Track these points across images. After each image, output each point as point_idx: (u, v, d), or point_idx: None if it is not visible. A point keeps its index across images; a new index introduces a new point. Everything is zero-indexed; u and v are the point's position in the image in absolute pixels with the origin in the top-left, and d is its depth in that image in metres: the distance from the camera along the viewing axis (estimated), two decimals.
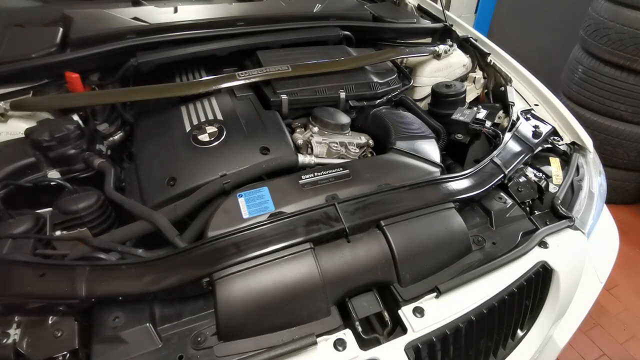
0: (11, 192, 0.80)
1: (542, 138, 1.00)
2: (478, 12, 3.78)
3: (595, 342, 1.67)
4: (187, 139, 0.87)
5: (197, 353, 0.59)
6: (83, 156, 0.87)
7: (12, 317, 0.60)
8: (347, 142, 0.96)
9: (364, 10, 1.45)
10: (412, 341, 0.63)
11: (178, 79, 1.15)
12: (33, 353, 0.57)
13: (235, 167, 0.81)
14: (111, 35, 1.09)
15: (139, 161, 0.89)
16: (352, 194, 0.76)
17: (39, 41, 1.05)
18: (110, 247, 0.71)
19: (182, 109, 0.99)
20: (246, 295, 0.61)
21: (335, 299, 0.66)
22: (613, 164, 2.16)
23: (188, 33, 1.15)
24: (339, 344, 0.60)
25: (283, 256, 0.64)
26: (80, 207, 0.75)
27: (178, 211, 0.75)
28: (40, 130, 0.83)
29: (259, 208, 0.73)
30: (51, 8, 1.34)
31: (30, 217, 0.75)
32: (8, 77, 0.97)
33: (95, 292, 0.60)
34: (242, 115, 0.95)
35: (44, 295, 0.59)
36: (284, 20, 1.28)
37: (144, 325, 0.60)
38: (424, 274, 0.70)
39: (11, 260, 0.63)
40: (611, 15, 1.95)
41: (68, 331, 0.59)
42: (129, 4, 1.39)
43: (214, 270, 0.61)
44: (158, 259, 0.65)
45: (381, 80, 1.14)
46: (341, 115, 1.01)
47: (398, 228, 0.71)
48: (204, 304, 0.66)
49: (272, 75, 1.03)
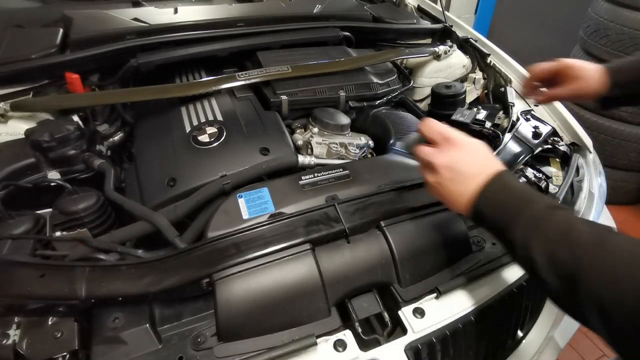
0: (11, 193, 0.80)
1: (542, 139, 1.00)
2: (478, 13, 3.78)
3: (595, 343, 1.67)
4: (187, 140, 0.87)
5: (197, 354, 0.59)
6: (83, 157, 0.87)
7: (11, 318, 0.60)
8: (347, 143, 0.96)
9: (364, 11, 1.45)
10: (412, 342, 0.63)
11: (178, 79, 1.16)
12: (33, 354, 0.57)
13: (235, 167, 0.81)
14: (111, 36, 1.09)
15: (139, 162, 0.89)
16: (352, 194, 0.76)
17: (39, 42, 1.05)
18: (110, 248, 0.71)
19: (182, 109, 0.99)
20: (246, 296, 0.61)
21: (335, 300, 0.66)
22: (613, 165, 2.16)
23: (188, 34, 1.15)
24: (339, 345, 0.60)
25: (283, 257, 0.64)
26: (80, 208, 0.75)
27: (178, 212, 0.75)
28: (40, 131, 0.83)
29: (259, 209, 0.73)
30: (51, 9, 1.34)
31: (30, 217, 0.75)
32: (8, 78, 0.97)
33: (95, 293, 0.60)
34: (242, 115, 0.95)
35: (44, 296, 0.59)
36: (284, 21, 1.28)
37: (143, 326, 0.60)
38: (424, 275, 0.70)
39: (11, 260, 0.63)
40: (611, 15, 1.95)
41: (68, 332, 0.59)
42: (129, 5, 1.39)
43: (213, 270, 0.61)
44: (158, 260, 0.65)
45: (381, 81, 1.15)
46: (341, 115, 1.01)
47: (398, 229, 0.71)
48: (203, 304, 0.65)
49: (272, 76, 1.03)
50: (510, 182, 0.56)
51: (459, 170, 0.59)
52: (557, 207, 0.51)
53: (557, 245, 0.47)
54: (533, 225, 0.50)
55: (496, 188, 0.56)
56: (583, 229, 0.46)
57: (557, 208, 0.51)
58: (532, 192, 0.55)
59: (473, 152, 0.61)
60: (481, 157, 0.60)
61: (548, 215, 0.50)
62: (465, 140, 0.61)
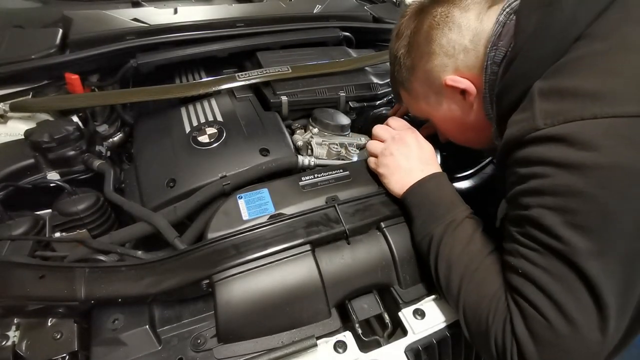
0: (10, 194, 0.80)
1: None
2: None
3: None
4: (186, 140, 0.87)
5: (196, 355, 0.59)
6: (82, 158, 0.87)
7: (11, 319, 0.59)
8: (347, 144, 0.96)
9: (364, 11, 1.45)
10: (413, 343, 0.63)
11: (178, 80, 1.16)
12: (32, 355, 0.57)
13: (235, 168, 0.81)
14: (111, 37, 1.09)
15: (139, 162, 0.89)
16: (352, 195, 0.76)
17: (38, 42, 1.05)
18: (110, 249, 0.70)
19: (182, 110, 0.98)
20: (246, 297, 0.61)
21: (336, 301, 0.65)
22: None
23: (188, 34, 1.15)
24: (339, 346, 0.60)
25: (283, 258, 0.64)
26: (80, 209, 0.75)
27: (178, 213, 0.75)
28: (40, 132, 0.83)
29: (259, 210, 0.73)
30: (51, 9, 1.35)
31: (30, 218, 0.75)
32: (7, 79, 0.97)
33: (95, 294, 0.60)
34: (242, 116, 0.95)
35: (44, 297, 0.59)
36: (283, 22, 1.28)
37: (143, 327, 0.60)
38: (424, 276, 0.70)
39: (10, 262, 0.63)
40: None
41: (67, 333, 0.59)
42: (129, 5, 1.39)
43: (213, 272, 0.61)
44: (158, 261, 0.65)
45: (381, 82, 1.14)
46: (341, 116, 1.01)
47: (398, 230, 0.71)
48: (203, 306, 0.65)
49: (272, 77, 1.03)
50: (443, 185, 0.69)
51: (398, 161, 0.73)
52: (469, 217, 0.64)
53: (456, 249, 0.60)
54: (451, 228, 0.62)
55: (431, 185, 0.69)
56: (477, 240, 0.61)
57: (469, 217, 0.64)
58: (458, 198, 0.67)
59: (416, 151, 0.74)
60: (423, 157, 0.73)
61: (463, 222, 0.63)
62: (412, 140, 0.75)
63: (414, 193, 0.69)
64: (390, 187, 0.73)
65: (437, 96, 0.71)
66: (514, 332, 0.48)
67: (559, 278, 0.45)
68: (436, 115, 0.76)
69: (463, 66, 0.65)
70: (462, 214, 0.64)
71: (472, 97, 0.66)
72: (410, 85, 0.75)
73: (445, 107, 0.72)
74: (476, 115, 0.69)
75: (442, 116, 0.74)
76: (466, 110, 0.70)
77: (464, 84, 0.65)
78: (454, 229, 0.62)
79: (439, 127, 0.80)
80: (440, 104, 0.72)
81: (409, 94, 0.77)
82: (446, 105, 0.71)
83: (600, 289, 0.43)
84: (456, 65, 0.65)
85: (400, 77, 0.76)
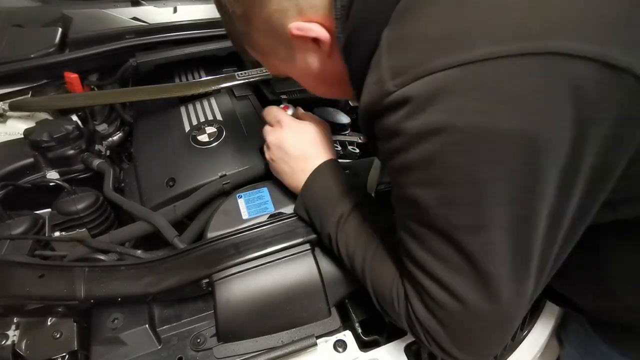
0: (10, 193, 0.80)
1: None
2: None
3: None
4: (186, 140, 0.87)
5: (196, 354, 0.59)
6: (82, 157, 0.87)
7: (10, 319, 0.59)
8: (347, 142, 0.96)
9: None
10: (412, 342, 0.63)
11: (177, 79, 1.15)
12: (32, 354, 0.57)
13: (234, 167, 0.81)
14: (110, 36, 1.09)
15: (138, 162, 0.89)
16: None
17: (38, 41, 1.05)
18: (110, 248, 0.70)
19: (182, 109, 0.98)
20: (246, 296, 0.61)
21: (335, 300, 0.65)
22: None
23: (187, 33, 1.14)
24: (339, 345, 0.60)
25: (283, 257, 0.64)
26: (80, 208, 0.75)
27: (177, 212, 0.75)
28: (39, 131, 0.83)
29: (259, 209, 0.73)
30: (50, 8, 1.34)
31: (29, 218, 0.75)
32: (7, 78, 0.97)
33: (94, 293, 0.60)
34: (241, 115, 0.94)
35: (43, 296, 0.59)
36: None
37: (143, 326, 0.60)
38: None
39: (10, 261, 0.63)
40: None
41: (67, 332, 0.59)
42: (128, 4, 1.39)
43: (213, 271, 0.61)
44: (157, 260, 0.65)
45: None
46: (341, 115, 1.01)
47: None
48: (203, 305, 0.65)
49: (271, 75, 1.03)
50: (328, 178, 0.65)
51: (286, 149, 0.68)
52: (358, 206, 0.60)
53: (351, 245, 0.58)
54: (341, 224, 0.60)
55: (316, 185, 0.65)
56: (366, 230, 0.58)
57: (359, 206, 0.60)
58: (345, 187, 0.63)
59: (299, 133, 0.69)
60: (307, 141, 0.69)
61: (350, 214, 0.60)
62: (292, 123, 0.70)
63: (306, 197, 0.65)
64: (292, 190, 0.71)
65: (287, 49, 0.56)
66: (417, 318, 0.47)
67: (442, 258, 0.42)
68: (293, 72, 0.62)
69: (307, 7, 0.49)
70: (349, 204, 0.60)
71: (327, 44, 0.52)
72: (252, 40, 0.58)
73: (300, 61, 0.57)
74: (339, 64, 0.53)
75: (299, 72, 0.60)
76: (324, 61, 0.55)
77: (313, 31, 0.50)
78: (343, 224, 0.59)
79: (302, 84, 0.66)
80: (293, 58, 0.57)
81: (255, 51, 0.62)
82: (300, 59, 0.56)
83: (482, 264, 0.40)
84: (299, 6, 0.49)
85: (235, 31, 0.60)
